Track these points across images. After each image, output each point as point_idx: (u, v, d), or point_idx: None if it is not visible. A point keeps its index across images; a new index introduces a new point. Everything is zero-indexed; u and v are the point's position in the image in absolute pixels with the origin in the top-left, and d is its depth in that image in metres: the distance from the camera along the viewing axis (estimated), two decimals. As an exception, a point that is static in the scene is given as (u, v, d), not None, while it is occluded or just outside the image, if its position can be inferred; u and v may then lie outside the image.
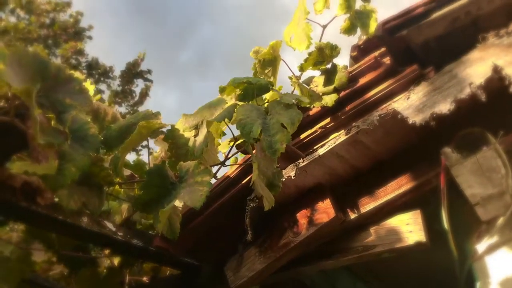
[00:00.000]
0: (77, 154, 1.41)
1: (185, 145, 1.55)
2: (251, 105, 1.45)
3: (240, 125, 1.37)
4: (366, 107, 1.93)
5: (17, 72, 1.16)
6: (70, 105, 1.28)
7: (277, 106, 1.45)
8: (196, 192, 1.32)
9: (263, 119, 1.41)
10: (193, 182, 1.37)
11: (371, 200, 2.02)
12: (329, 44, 1.95)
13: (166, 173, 1.42)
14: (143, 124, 1.41)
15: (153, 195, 1.39)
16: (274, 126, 1.38)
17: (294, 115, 1.42)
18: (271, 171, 1.51)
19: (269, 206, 1.49)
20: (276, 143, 1.35)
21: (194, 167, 1.39)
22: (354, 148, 1.96)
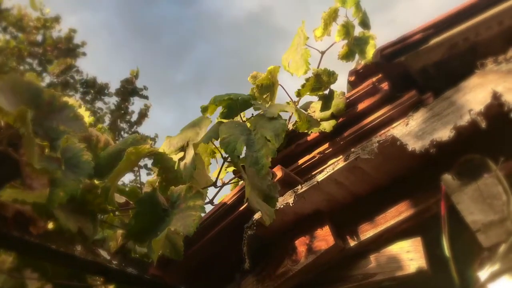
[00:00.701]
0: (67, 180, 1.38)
1: (174, 168, 1.53)
2: (234, 122, 1.43)
3: (224, 144, 1.35)
4: (365, 133, 1.91)
5: (10, 99, 1.14)
6: (63, 132, 1.26)
7: (261, 120, 1.43)
8: (188, 218, 1.29)
9: (247, 135, 1.39)
10: (186, 207, 1.33)
11: (370, 227, 1.99)
12: (327, 70, 1.94)
13: (158, 200, 1.39)
14: (131, 150, 1.38)
15: (145, 224, 1.36)
16: (258, 141, 1.36)
17: (277, 126, 1.39)
18: (266, 184, 1.48)
19: (269, 220, 1.45)
20: (262, 158, 1.32)
21: (185, 191, 1.36)
22: (353, 175, 1.93)
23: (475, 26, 1.75)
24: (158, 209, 1.37)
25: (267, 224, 1.44)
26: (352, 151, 1.89)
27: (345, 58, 2.02)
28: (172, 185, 1.46)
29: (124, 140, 1.55)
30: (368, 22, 2.06)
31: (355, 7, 2.05)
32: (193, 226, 1.25)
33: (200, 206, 1.31)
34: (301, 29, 2.01)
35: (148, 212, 1.37)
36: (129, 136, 1.57)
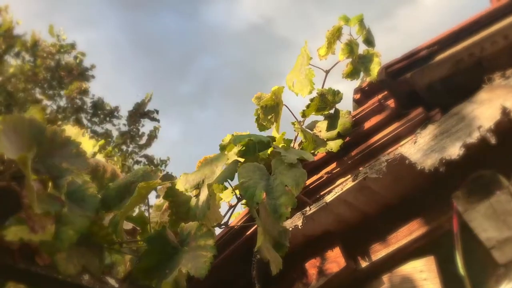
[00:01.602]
0: (74, 216, 1.36)
1: (185, 203, 1.51)
2: (253, 165, 1.41)
3: (243, 189, 1.32)
4: (372, 151, 1.88)
5: (12, 140, 1.13)
6: (66, 170, 1.24)
7: (280, 166, 1.40)
8: (199, 258, 1.26)
9: (266, 180, 1.36)
10: (196, 246, 1.31)
11: (382, 246, 1.95)
12: (331, 90, 1.92)
13: (167, 238, 1.36)
14: (142, 185, 1.37)
15: (154, 262, 1.33)
16: (278, 188, 1.33)
17: (298, 175, 1.37)
18: (277, 230, 1.46)
19: (276, 270, 1.43)
20: (281, 207, 1.30)
21: (196, 229, 1.34)
22: (362, 194, 1.90)
23: (480, 42, 1.73)
24: (167, 247, 1.35)
25: (274, 274, 1.42)
26: (360, 170, 1.86)
27: (349, 76, 1.99)
28: (183, 219, 1.44)
29: (135, 172, 1.53)
30: (373, 39, 2.04)
31: (359, 25, 2.03)
32: (204, 268, 1.23)
33: (211, 246, 1.29)
34: (304, 49, 1.99)
35: (157, 250, 1.35)
36: (139, 168, 1.55)
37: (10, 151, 1.11)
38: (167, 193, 1.50)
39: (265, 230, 1.38)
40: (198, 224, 1.35)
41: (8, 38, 11.22)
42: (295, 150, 1.58)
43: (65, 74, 11.94)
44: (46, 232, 1.20)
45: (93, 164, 1.57)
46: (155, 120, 12.50)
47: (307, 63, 1.95)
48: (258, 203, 1.32)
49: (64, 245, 1.29)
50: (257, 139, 1.50)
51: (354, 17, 2.08)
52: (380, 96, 1.92)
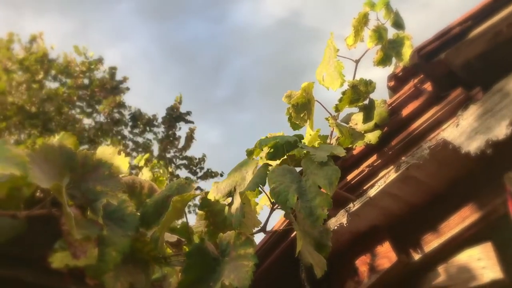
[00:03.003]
0: (116, 237, 1.36)
1: (221, 212, 1.48)
2: (282, 169, 1.36)
3: (275, 194, 1.28)
4: (413, 139, 1.80)
5: (44, 169, 1.14)
6: (101, 192, 1.25)
7: (311, 165, 1.34)
8: (241, 268, 1.23)
9: (298, 183, 1.31)
10: (236, 255, 1.28)
11: (434, 237, 1.87)
12: (363, 80, 1.85)
13: (207, 250, 1.34)
14: (176, 199, 1.35)
15: (196, 276, 1.31)
16: (311, 190, 1.28)
17: (330, 173, 1.31)
18: (317, 231, 1.41)
19: (321, 273, 1.38)
20: (317, 209, 1.24)
21: (234, 238, 1.31)
22: (407, 185, 1.83)
23: (518, 10, 1.61)
24: (208, 259, 1.32)
25: (318, 277, 1.37)
26: (402, 160, 1.79)
27: (381, 63, 1.91)
28: (221, 229, 1.41)
29: (170, 186, 1.52)
30: (402, 22, 1.94)
31: (385, 9, 1.95)
32: (247, 278, 1.19)
33: (251, 255, 1.25)
34: (331, 41, 1.92)
35: (198, 263, 1.33)
36: (174, 182, 1.54)
37: (43, 180, 1.12)
38: (202, 204, 1.49)
39: (304, 233, 1.34)
40: (236, 233, 1.32)
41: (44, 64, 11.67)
42: (325, 146, 1.52)
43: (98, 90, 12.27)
44: (88, 256, 1.21)
45: (129, 182, 1.58)
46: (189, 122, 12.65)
47: (335, 55, 1.89)
48: (292, 208, 1.27)
49: (108, 266, 1.29)
50: (283, 140, 1.45)
51: (380, 1, 1.99)
52: (415, 81, 1.84)
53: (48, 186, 1.11)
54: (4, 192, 1.21)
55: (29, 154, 1.09)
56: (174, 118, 12.63)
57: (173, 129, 12.60)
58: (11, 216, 1.23)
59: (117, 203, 1.39)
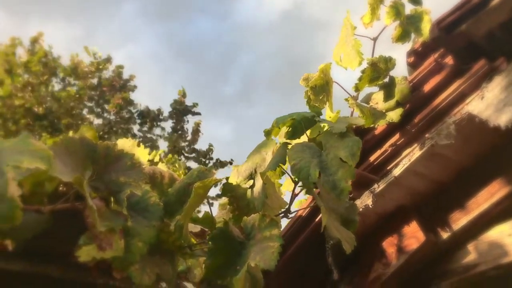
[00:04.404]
0: (141, 227, 1.35)
1: (244, 195, 1.46)
2: (301, 145, 1.33)
3: (296, 171, 1.25)
4: (436, 115, 1.75)
5: (66, 162, 1.13)
6: (124, 183, 1.23)
7: (331, 139, 1.31)
8: (266, 250, 1.21)
9: (319, 157, 1.28)
10: (262, 237, 1.26)
11: (462, 214, 1.82)
12: (382, 57, 1.80)
13: (231, 233, 1.33)
14: (198, 185, 1.34)
15: (222, 260, 1.30)
16: (332, 163, 1.25)
17: (352, 144, 1.27)
18: (343, 206, 1.38)
19: (350, 248, 1.35)
20: (340, 182, 1.21)
21: (259, 221, 1.29)
22: (432, 162, 1.78)
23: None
24: (233, 242, 1.31)
25: (348, 252, 1.34)
26: (426, 137, 1.74)
27: (400, 40, 1.86)
28: (245, 213, 1.39)
29: (190, 174, 1.51)
30: (419, -4, 1.89)
31: (401, -16, 1.89)
32: (273, 259, 1.17)
33: (277, 236, 1.23)
34: (347, 19, 1.88)
35: (223, 247, 1.31)
36: (194, 169, 1.53)
37: (65, 174, 1.11)
38: (224, 189, 1.47)
39: (329, 209, 1.31)
40: (260, 215, 1.30)
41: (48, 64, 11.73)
42: (343, 118, 1.48)
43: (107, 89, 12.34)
44: (114, 248, 1.20)
45: (150, 173, 1.56)
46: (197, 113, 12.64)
47: (352, 34, 1.84)
48: (315, 183, 1.24)
49: (135, 258, 1.28)
50: (299, 116, 1.41)
51: (395, -23, 1.94)
52: (436, 55, 1.79)
53: (70, 179, 1.10)
54: (27, 188, 1.20)
55: (51, 148, 1.08)
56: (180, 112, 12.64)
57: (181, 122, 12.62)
58: (35, 211, 1.23)
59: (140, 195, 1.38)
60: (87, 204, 1.12)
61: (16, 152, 0.93)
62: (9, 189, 0.88)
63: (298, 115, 1.42)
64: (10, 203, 0.87)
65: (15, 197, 0.88)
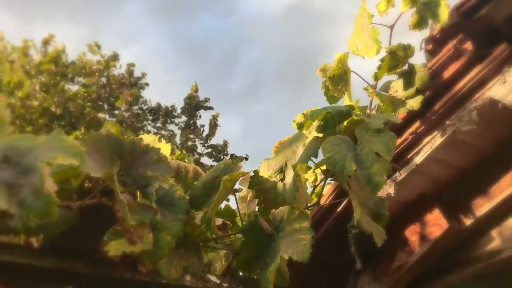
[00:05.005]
0: (168, 221, 1.37)
1: (272, 189, 1.47)
2: (336, 138, 1.33)
3: (331, 164, 1.25)
4: (457, 101, 1.74)
5: (95, 158, 1.14)
6: (152, 177, 1.24)
7: (366, 133, 1.31)
8: (298, 242, 1.22)
9: (354, 151, 1.28)
10: (292, 230, 1.27)
11: (485, 200, 1.81)
12: (401, 45, 1.79)
13: (261, 226, 1.33)
14: (226, 178, 1.35)
15: (252, 252, 1.31)
16: (368, 157, 1.25)
17: (387, 139, 1.27)
18: (373, 201, 1.38)
19: (381, 242, 1.35)
20: (375, 176, 1.21)
21: (288, 213, 1.30)
22: (454, 149, 1.77)
23: None
24: (263, 235, 1.32)
25: (379, 245, 1.34)
26: (447, 124, 1.73)
27: (417, 26, 1.85)
28: (272, 206, 1.40)
29: (216, 167, 1.52)
30: (435, -18, 1.87)
31: (417, -30, 1.87)
32: (306, 251, 1.18)
33: (307, 228, 1.24)
34: (363, 7, 1.87)
35: (253, 240, 1.32)
36: (220, 163, 1.54)
37: (95, 169, 1.12)
38: (252, 182, 1.47)
39: (360, 203, 1.31)
40: (289, 208, 1.31)
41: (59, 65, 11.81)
42: (378, 115, 1.48)
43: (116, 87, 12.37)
44: (144, 242, 1.21)
45: (175, 167, 1.57)
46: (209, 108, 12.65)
47: (370, 22, 1.83)
48: (350, 176, 1.25)
49: (164, 251, 1.30)
50: (335, 110, 1.42)
51: (411, -37, 1.92)
52: (455, 41, 1.77)
53: (100, 174, 1.11)
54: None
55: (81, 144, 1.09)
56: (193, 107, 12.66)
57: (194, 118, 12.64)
58: (65, 207, 1.24)
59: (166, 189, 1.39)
60: (117, 199, 1.13)
61: (49, 149, 0.94)
62: (45, 186, 0.89)
63: (333, 108, 1.43)
64: (47, 199, 0.88)
65: (51, 193, 0.89)
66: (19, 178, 0.90)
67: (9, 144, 0.95)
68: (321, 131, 1.46)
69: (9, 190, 0.88)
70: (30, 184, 0.89)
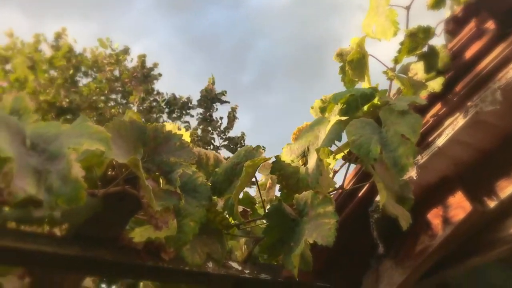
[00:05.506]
0: (191, 207, 1.37)
1: (294, 174, 1.46)
2: (360, 121, 1.32)
3: (356, 147, 1.24)
4: (480, 81, 1.71)
5: (119, 145, 1.14)
6: (175, 163, 1.25)
7: (391, 115, 1.30)
8: (323, 226, 1.22)
9: (379, 134, 1.27)
10: (316, 214, 1.26)
11: (509, 182, 1.78)
12: (421, 27, 1.76)
13: (285, 210, 1.33)
14: (248, 164, 1.35)
15: (276, 237, 1.31)
16: (393, 139, 1.24)
17: (413, 121, 1.26)
18: (398, 184, 1.37)
19: (407, 225, 1.34)
20: (401, 158, 1.20)
21: (312, 198, 1.29)
22: (476, 130, 1.74)
23: None
24: (287, 219, 1.32)
25: (404, 229, 1.33)
26: (469, 105, 1.71)
27: (435, 6, 1.81)
28: (294, 191, 1.40)
29: (237, 153, 1.52)
30: (454, -40, 1.83)
31: (434, -52, 1.84)
32: (331, 235, 1.18)
33: (332, 213, 1.23)
34: (380, -13, 1.83)
35: (277, 224, 1.32)
36: (241, 149, 1.54)
37: (120, 156, 1.12)
38: (274, 168, 1.47)
39: (385, 186, 1.30)
40: (312, 193, 1.30)
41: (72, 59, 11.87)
42: (403, 97, 1.46)
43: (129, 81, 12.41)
44: (170, 227, 1.22)
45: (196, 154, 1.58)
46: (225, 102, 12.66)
47: (387, 4, 1.80)
48: (376, 159, 1.23)
49: (188, 237, 1.31)
50: (359, 93, 1.40)
51: None
52: (476, 21, 1.74)
53: (125, 160, 1.12)
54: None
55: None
56: (209, 100, 12.67)
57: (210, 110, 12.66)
58: (90, 195, 1.25)
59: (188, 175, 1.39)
60: (142, 185, 1.13)
61: (75, 135, 0.95)
62: (72, 171, 0.89)
63: (357, 91, 1.41)
64: (75, 184, 0.88)
65: (79, 178, 0.89)
66: (46, 165, 0.90)
67: (35, 132, 0.95)
68: (344, 114, 1.44)
69: (37, 177, 0.89)
70: (58, 170, 0.89)
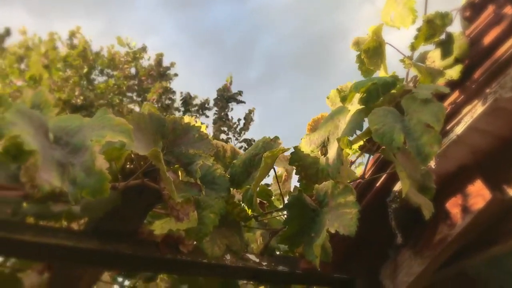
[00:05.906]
0: (210, 199, 1.37)
1: (313, 164, 1.45)
2: (383, 109, 1.30)
3: (379, 136, 1.23)
4: (499, 67, 1.68)
5: (139, 138, 1.14)
6: (194, 155, 1.24)
7: (413, 104, 1.28)
8: (344, 216, 1.21)
9: (401, 122, 1.26)
10: (336, 204, 1.26)
11: (529, 170, 1.76)
12: (439, 13, 1.74)
13: (305, 201, 1.33)
14: (267, 155, 1.34)
15: (297, 227, 1.31)
16: (416, 128, 1.22)
17: (436, 110, 1.25)
18: (419, 173, 1.35)
19: (429, 214, 1.33)
20: (425, 147, 1.19)
21: (332, 188, 1.28)
22: (495, 117, 1.72)
23: None
24: (307, 210, 1.31)
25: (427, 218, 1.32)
26: (488, 92, 1.68)
27: (452, -7, 1.79)
28: (314, 182, 1.39)
29: (255, 145, 1.52)
30: None
31: None
32: (353, 225, 1.17)
33: (353, 202, 1.23)
34: (397, -24, 1.81)
35: (297, 215, 1.32)
36: (258, 140, 1.54)
37: (141, 148, 1.12)
38: (293, 158, 1.46)
39: (408, 175, 1.29)
40: (333, 183, 1.30)
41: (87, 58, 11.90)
42: (425, 85, 1.45)
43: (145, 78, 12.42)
44: (191, 219, 1.22)
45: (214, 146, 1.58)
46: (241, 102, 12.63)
47: (407, -11, 1.78)
48: (399, 148, 1.22)
49: (209, 229, 1.31)
50: (380, 81, 1.39)
51: None
52: (494, 6, 1.71)
53: (146, 153, 1.12)
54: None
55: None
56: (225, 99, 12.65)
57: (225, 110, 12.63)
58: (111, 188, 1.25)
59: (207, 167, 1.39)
60: (163, 177, 1.13)
61: (98, 127, 0.95)
62: (96, 163, 0.89)
63: (379, 79, 1.39)
64: (99, 176, 0.88)
65: (103, 169, 0.89)
66: (70, 157, 0.90)
67: (58, 125, 0.95)
68: (364, 103, 1.43)
69: (61, 169, 0.89)
70: (81, 163, 0.89)
